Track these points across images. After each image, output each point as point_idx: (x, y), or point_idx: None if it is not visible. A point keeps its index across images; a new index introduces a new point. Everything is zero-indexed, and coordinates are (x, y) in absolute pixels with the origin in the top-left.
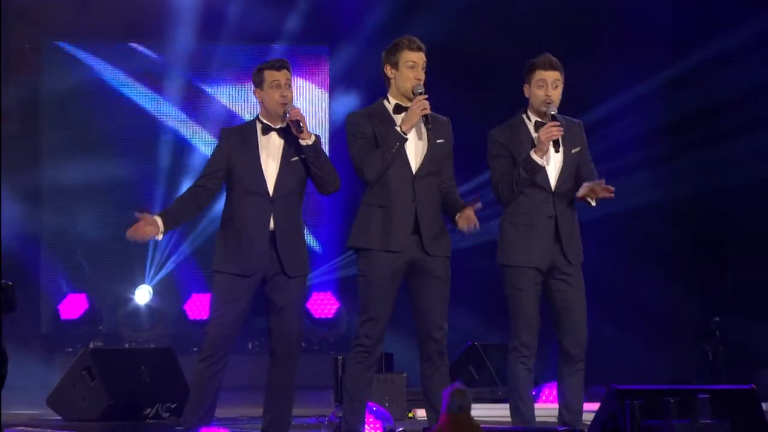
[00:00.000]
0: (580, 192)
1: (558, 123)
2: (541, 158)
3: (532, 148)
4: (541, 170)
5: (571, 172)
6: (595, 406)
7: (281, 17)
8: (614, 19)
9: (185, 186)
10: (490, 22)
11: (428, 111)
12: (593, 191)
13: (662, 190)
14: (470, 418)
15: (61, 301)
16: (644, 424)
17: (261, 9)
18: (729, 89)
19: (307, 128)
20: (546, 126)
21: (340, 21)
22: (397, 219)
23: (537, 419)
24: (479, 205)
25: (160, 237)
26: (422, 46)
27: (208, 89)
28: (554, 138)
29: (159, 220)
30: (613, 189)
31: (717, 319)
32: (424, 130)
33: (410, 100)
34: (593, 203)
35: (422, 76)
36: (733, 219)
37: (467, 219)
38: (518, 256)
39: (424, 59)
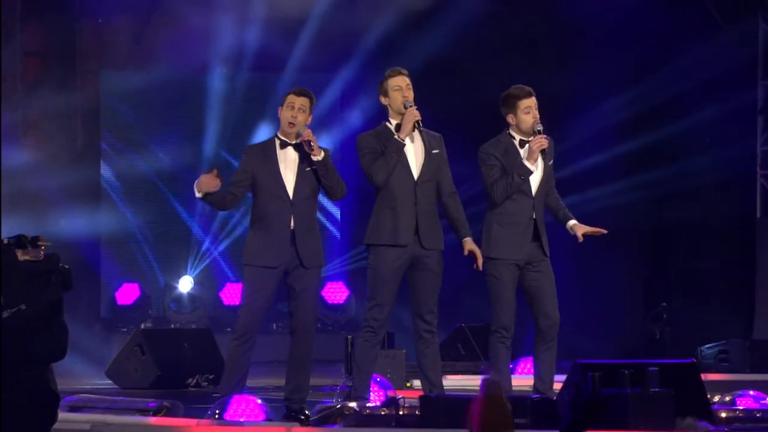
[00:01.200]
0: (586, 231)
1: (545, 135)
2: (532, 165)
3: (521, 159)
4: (531, 174)
5: (548, 182)
6: (563, 377)
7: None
8: (584, 45)
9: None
10: (473, 46)
11: (419, 118)
12: (596, 232)
13: (621, 197)
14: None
15: (117, 290)
16: (603, 392)
17: (276, 39)
18: (684, 111)
19: (317, 146)
20: (536, 138)
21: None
22: (402, 219)
23: (514, 389)
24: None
25: (211, 189)
26: (403, 71)
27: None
28: (543, 147)
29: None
30: (605, 231)
31: (664, 304)
32: (423, 144)
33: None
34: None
35: (409, 94)
36: (677, 221)
37: (472, 253)
38: (503, 251)
39: (408, 81)
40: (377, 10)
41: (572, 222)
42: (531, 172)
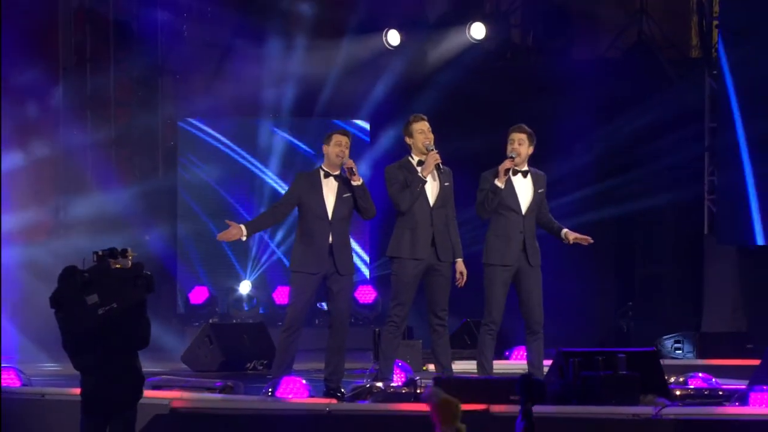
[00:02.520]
0: (576, 237)
1: (511, 159)
2: (501, 184)
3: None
4: (500, 191)
5: (536, 204)
6: (549, 362)
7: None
8: (559, 100)
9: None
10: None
11: (439, 161)
12: (584, 240)
13: (593, 212)
14: (447, 399)
15: (190, 291)
16: (581, 374)
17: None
18: (645, 149)
19: (357, 173)
20: (503, 162)
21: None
22: (420, 237)
23: (511, 372)
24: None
25: (244, 239)
26: (424, 117)
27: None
28: (506, 168)
29: (243, 228)
30: (591, 240)
31: (630, 303)
32: (437, 178)
33: (425, 154)
34: (571, 242)
35: (430, 137)
36: (641, 237)
37: (461, 274)
38: (496, 258)
39: (428, 126)
40: (376, 78)
41: (565, 230)
42: (500, 189)
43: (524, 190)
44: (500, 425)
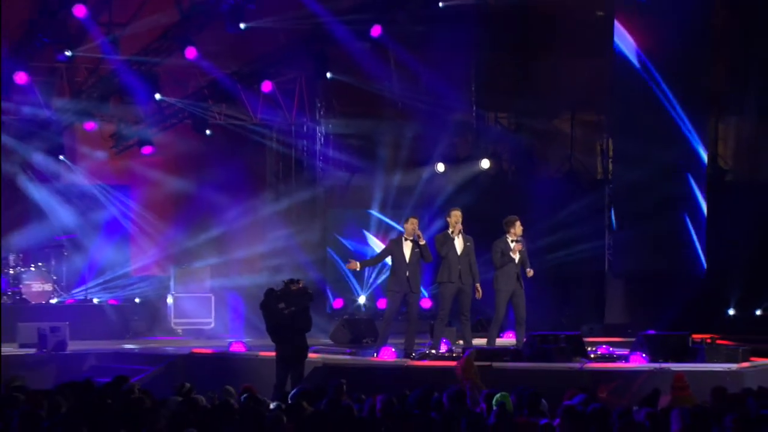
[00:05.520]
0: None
1: (521, 243)
2: (514, 254)
3: (510, 250)
4: (511, 256)
5: (523, 257)
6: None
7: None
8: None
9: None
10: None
11: (460, 229)
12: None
13: (547, 255)
14: (471, 362)
15: (333, 300)
16: (541, 346)
17: None
18: (570, 226)
19: (422, 238)
20: (517, 243)
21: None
22: (453, 272)
23: (505, 345)
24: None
25: (358, 269)
26: (459, 209)
27: None
28: (519, 249)
29: (358, 264)
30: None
31: (566, 309)
32: (462, 240)
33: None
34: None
35: (460, 219)
36: (568, 268)
37: (479, 292)
38: (501, 287)
39: (460, 214)
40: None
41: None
42: (512, 257)
43: (517, 251)
44: (499, 375)
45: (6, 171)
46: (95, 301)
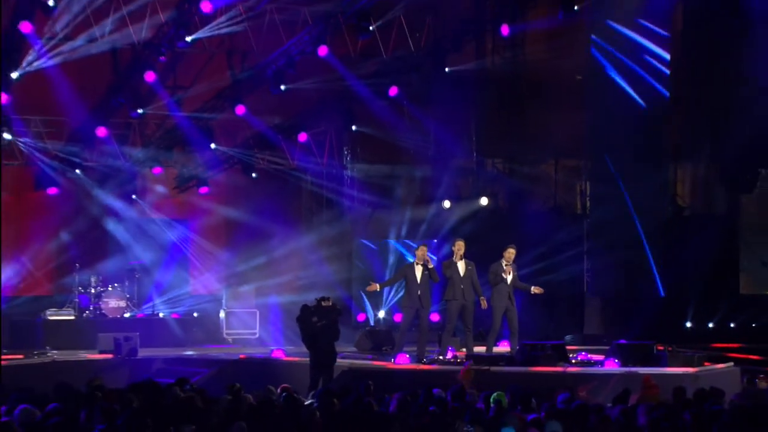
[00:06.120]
0: (537, 290)
1: (511, 267)
2: (506, 275)
3: (503, 271)
4: (504, 278)
5: (515, 277)
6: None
7: None
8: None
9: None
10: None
11: (462, 254)
12: (538, 290)
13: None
14: (470, 369)
15: (357, 315)
16: (531, 353)
17: None
18: (556, 252)
19: (431, 263)
20: (507, 266)
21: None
22: (457, 291)
23: (500, 352)
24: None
25: (378, 289)
26: (461, 239)
27: None
28: (509, 272)
29: (377, 285)
30: (542, 290)
31: (552, 321)
32: (465, 264)
33: (463, 258)
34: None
35: (462, 248)
36: (554, 291)
37: (483, 304)
38: (496, 304)
39: (463, 245)
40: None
41: (526, 285)
42: (505, 278)
43: (509, 273)
44: (496, 377)
45: (91, 212)
46: (161, 315)
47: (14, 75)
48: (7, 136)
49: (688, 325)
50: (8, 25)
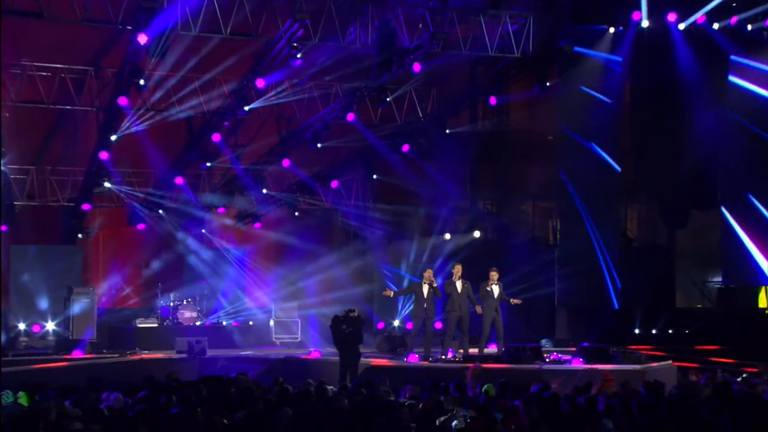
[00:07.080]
0: (516, 301)
1: (497, 284)
2: (491, 291)
3: (487, 287)
4: (491, 293)
5: (502, 293)
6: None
7: None
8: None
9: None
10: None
11: (460, 275)
12: (517, 301)
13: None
14: (479, 370)
15: (377, 323)
16: (515, 353)
17: None
18: (539, 273)
19: (435, 282)
20: (494, 285)
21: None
22: (455, 303)
23: (489, 353)
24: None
25: (392, 296)
26: (459, 263)
27: None
28: (495, 289)
29: (392, 292)
30: (521, 301)
31: (530, 326)
32: (462, 283)
33: (460, 278)
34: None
35: (459, 270)
36: (532, 300)
37: (479, 311)
38: (486, 314)
39: (460, 267)
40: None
41: (508, 298)
42: (491, 293)
43: (495, 290)
44: (486, 372)
45: (175, 249)
46: (224, 323)
47: (113, 137)
48: (107, 184)
49: (637, 331)
50: (109, 100)
